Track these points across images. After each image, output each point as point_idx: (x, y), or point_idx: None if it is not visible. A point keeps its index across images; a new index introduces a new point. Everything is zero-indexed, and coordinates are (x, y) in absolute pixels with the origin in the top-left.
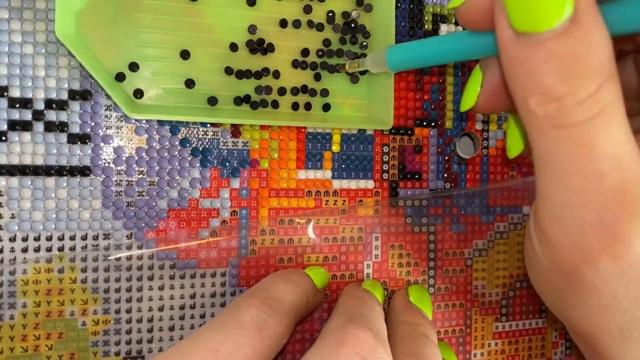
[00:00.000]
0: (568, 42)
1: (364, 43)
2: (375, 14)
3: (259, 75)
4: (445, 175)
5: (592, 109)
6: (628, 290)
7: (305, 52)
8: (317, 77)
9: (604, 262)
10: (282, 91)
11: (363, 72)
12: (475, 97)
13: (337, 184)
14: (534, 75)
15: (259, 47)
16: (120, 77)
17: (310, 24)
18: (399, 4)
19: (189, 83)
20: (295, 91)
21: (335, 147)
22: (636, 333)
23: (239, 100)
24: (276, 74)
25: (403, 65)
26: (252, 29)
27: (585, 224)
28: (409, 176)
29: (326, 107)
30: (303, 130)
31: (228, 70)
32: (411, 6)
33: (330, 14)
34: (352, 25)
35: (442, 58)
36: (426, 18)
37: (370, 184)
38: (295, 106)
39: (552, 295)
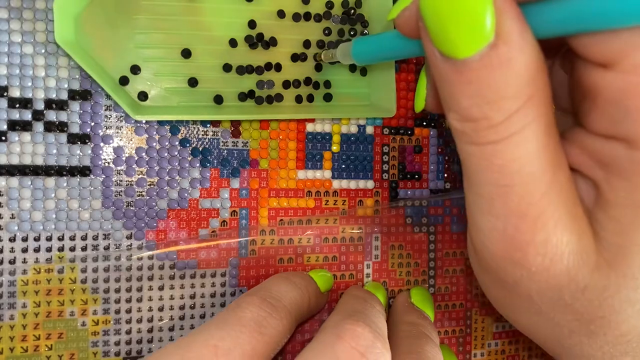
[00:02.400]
0: (486, 70)
1: (365, 32)
2: (373, 2)
3: (260, 70)
4: (445, 175)
5: (506, 132)
6: (541, 297)
7: (306, 44)
8: (318, 68)
9: (510, 265)
10: (285, 84)
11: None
12: (424, 99)
13: (337, 184)
14: (453, 95)
15: (259, 41)
16: (123, 80)
17: (308, 15)
18: None
19: (192, 82)
20: (297, 84)
21: (335, 147)
22: (569, 343)
23: (243, 96)
24: (278, 67)
25: (367, 58)
26: (251, 24)
27: (492, 229)
28: (409, 176)
29: (328, 98)
30: (303, 130)
31: (231, 67)
32: None
33: (329, 5)
34: (351, 14)
35: (400, 53)
36: None
37: (370, 184)
38: (298, 99)
39: (487, 293)
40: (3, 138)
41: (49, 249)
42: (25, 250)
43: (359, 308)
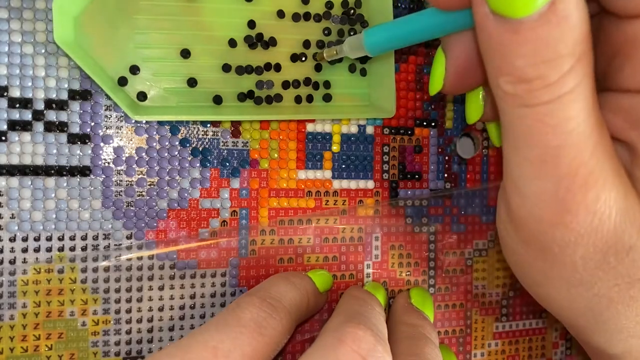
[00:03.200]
0: (543, 29)
1: None
2: (372, 2)
3: (260, 70)
4: (445, 175)
5: (560, 91)
6: (585, 262)
7: (306, 44)
8: (318, 68)
9: (558, 230)
10: (285, 85)
11: (364, 61)
12: (442, 80)
13: (337, 184)
14: (507, 56)
15: (259, 41)
16: (122, 81)
17: (308, 15)
18: (398, 4)
19: (192, 82)
20: (297, 84)
21: (335, 147)
22: (606, 316)
23: (242, 97)
24: (277, 68)
25: (382, 46)
26: (251, 24)
27: (541, 194)
28: (409, 176)
29: (327, 98)
30: (303, 130)
31: (232, 68)
32: (411, 6)
33: (329, 5)
34: (351, 14)
35: (418, 36)
36: None
37: (370, 184)
38: (298, 99)
39: (521, 270)
40: (3, 138)
41: (49, 249)
42: (25, 250)
43: (360, 310)
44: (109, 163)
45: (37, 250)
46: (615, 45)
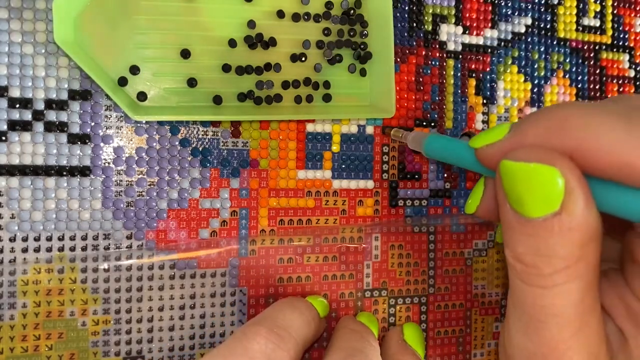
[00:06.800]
0: (545, 231)
1: (365, 33)
2: (372, 3)
3: (259, 70)
4: (445, 175)
5: (552, 282)
6: None
7: (306, 44)
8: (318, 69)
9: None
10: (285, 85)
11: (364, 61)
12: (476, 205)
13: (337, 184)
14: (512, 239)
15: (258, 42)
16: (122, 81)
17: (308, 15)
18: (398, 4)
19: (192, 82)
20: (297, 84)
21: (335, 147)
22: None
23: (242, 97)
24: (277, 68)
25: (435, 156)
26: (251, 24)
27: (524, 349)
28: (408, 176)
29: (327, 98)
30: (303, 130)
31: (232, 68)
32: (411, 6)
33: (329, 5)
34: (351, 15)
35: (467, 166)
36: (426, 18)
37: (370, 184)
38: (297, 99)
39: None
40: (3, 138)
41: (49, 249)
42: (25, 250)
43: (358, 346)
44: (109, 163)
45: (37, 250)
46: (633, 256)
